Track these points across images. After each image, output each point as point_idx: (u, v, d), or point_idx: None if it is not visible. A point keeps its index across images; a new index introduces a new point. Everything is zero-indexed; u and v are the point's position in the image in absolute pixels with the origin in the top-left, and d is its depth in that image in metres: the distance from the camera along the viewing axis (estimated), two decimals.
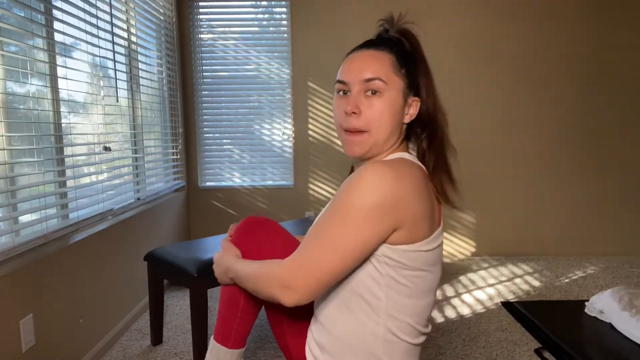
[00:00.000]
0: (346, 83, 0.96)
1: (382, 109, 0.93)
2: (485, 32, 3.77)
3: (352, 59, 0.97)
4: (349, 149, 0.97)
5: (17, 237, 1.82)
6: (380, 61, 0.95)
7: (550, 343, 2.31)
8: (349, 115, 0.94)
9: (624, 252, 3.90)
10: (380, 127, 0.94)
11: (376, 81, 0.93)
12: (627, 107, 3.83)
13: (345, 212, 0.85)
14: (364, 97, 0.94)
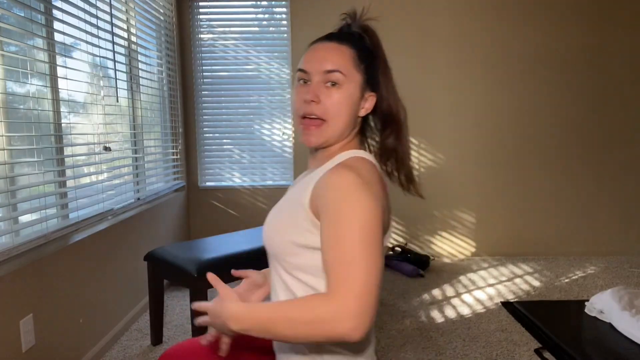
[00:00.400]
0: (307, 72, 0.98)
1: (340, 100, 0.96)
2: (486, 31, 3.77)
3: (315, 49, 0.99)
4: (306, 138, 0.99)
5: (17, 237, 1.82)
6: (342, 54, 0.97)
7: (550, 343, 2.31)
8: (308, 103, 0.96)
9: (624, 252, 3.90)
10: (338, 117, 0.97)
11: (336, 73, 0.95)
12: (628, 107, 3.83)
13: (354, 221, 0.83)
14: (323, 87, 0.96)
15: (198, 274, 2.08)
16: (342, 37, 1.00)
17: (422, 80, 3.81)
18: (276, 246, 0.98)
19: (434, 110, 3.83)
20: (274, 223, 0.99)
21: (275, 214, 1.01)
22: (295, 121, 1.02)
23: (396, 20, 3.73)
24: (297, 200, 0.95)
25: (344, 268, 0.81)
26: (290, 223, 0.95)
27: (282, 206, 1.01)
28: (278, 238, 0.97)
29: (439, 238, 3.93)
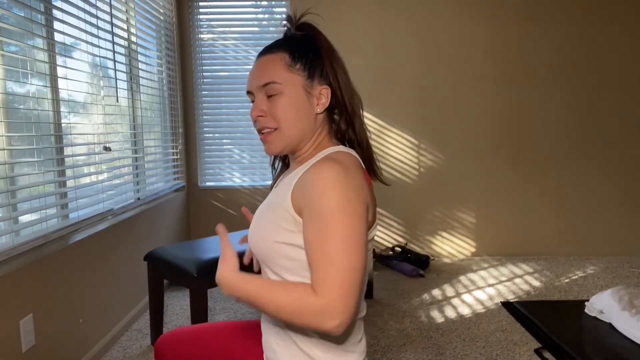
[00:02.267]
0: (250, 92, 1.02)
1: (284, 105, 0.97)
2: (486, 32, 3.77)
3: (252, 69, 1.03)
4: (267, 148, 1.02)
5: (17, 237, 1.82)
6: (272, 63, 0.99)
7: (550, 343, 2.31)
8: (257, 120, 1.00)
9: (624, 252, 3.90)
10: (288, 121, 0.98)
11: (270, 85, 0.97)
12: (628, 108, 3.83)
13: (337, 215, 0.84)
14: (267, 101, 0.99)
15: (198, 274, 2.08)
16: (273, 46, 1.02)
17: (422, 80, 3.81)
18: (261, 249, 0.98)
19: (434, 110, 3.83)
20: (257, 227, 0.99)
21: (258, 218, 1.00)
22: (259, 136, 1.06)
23: (396, 20, 3.73)
24: (278, 203, 0.95)
25: (329, 267, 0.83)
26: (273, 225, 0.95)
27: (263, 209, 1.01)
28: (262, 241, 0.97)
29: (439, 238, 3.93)
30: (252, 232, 1.01)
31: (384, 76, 3.79)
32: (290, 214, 0.91)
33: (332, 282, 0.81)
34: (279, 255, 0.94)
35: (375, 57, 3.76)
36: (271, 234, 0.95)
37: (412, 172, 3.88)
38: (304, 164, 0.99)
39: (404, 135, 3.85)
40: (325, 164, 0.88)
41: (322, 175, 0.87)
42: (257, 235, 0.99)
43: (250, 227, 1.03)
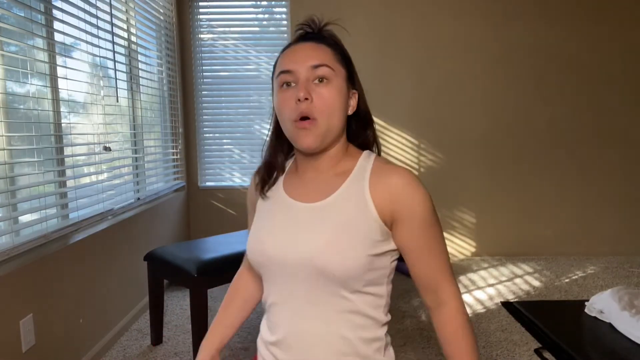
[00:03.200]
0: (292, 72, 0.90)
1: (332, 96, 0.90)
2: (487, 32, 3.77)
3: (294, 51, 0.93)
4: (303, 140, 0.90)
5: (17, 237, 1.82)
6: (323, 50, 0.93)
7: (550, 343, 2.31)
8: (301, 102, 0.88)
9: (624, 252, 3.90)
10: (331, 114, 0.90)
11: (324, 67, 0.90)
12: (628, 107, 3.83)
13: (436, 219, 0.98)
14: (312, 85, 0.90)
15: (198, 274, 2.08)
16: (317, 38, 0.96)
17: (422, 80, 3.81)
18: (348, 269, 0.86)
19: (434, 110, 3.83)
20: (336, 250, 0.86)
21: (328, 238, 0.87)
22: (288, 128, 0.92)
23: (397, 20, 3.73)
24: (357, 216, 0.88)
25: (447, 262, 0.97)
26: (364, 240, 0.87)
27: (327, 226, 0.89)
28: (352, 261, 0.86)
29: None
30: (328, 258, 0.87)
31: (384, 76, 3.79)
32: (379, 224, 0.89)
33: (456, 289, 0.96)
34: (367, 269, 0.88)
35: (375, 57, 3.76)
36: (364, 249, 0.87)
37: (412, 172, 3.88)
38: (355, 170, 0.94)
39: (404, 135, 3.85)
40: (406, 171, 0.92)
41: (415, 183, 0.91)
42: (342, 257, 0.86)
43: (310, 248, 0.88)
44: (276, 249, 0.92)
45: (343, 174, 0.94)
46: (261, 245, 0.94)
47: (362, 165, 0.95)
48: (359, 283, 0.88)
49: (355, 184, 0.92)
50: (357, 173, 0.93)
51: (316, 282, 0.88)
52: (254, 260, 0.96)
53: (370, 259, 0.88)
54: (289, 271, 0.90)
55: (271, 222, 0.96)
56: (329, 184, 0.94)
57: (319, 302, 0.89)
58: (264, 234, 0.95)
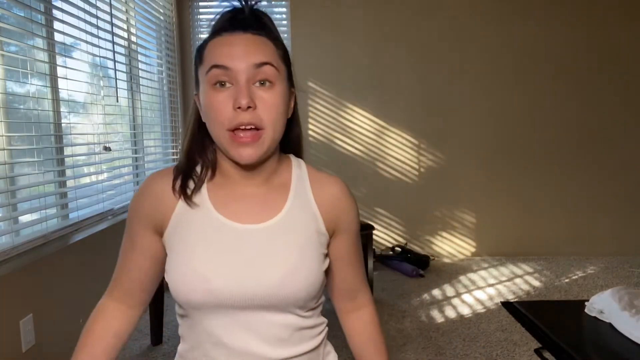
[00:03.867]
0: (228, 69, 0.74)
1: (277, 103, 0.77)
2: (487, 32, 3.77)
3: (230, 41, 0.76)
4: (242, 154, 0.76)
5: (17, 237, 1.82)
6: (265, 45, 0.77)
7: (550, 343, 2.31)
8: (243, 111, 0.74)
9: (624, 252, 3.89)
10: (276, 124, 0.77)
11: (268, 66, 0.76)
12: (628, 108, 3.83)
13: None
14: (254, 89, 0.76)
15: None
16: (254, 26, 0.79)
17: (422, 80, 3.81)
18: (310, 293, 0.79)
19: (434, 110, 3.83)
20: (300, 273, 0.78)
21: (293, 263, 0.78)
22: (220, 135, 0.77)
23: (396, 20, 3.73)
24: (310, 232, 0.82)
25: (363, 272, 0.95)
26: (317, 257, 0.81)
27: (287, 250, 0.79)
28: (314, 283, 0.80)
29: (439, 238, 3.93)
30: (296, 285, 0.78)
31: (384, 76, 3.79)
32: (326, 237, 0.84)
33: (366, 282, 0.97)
34: (321, 285, 0.83)
35: (376, 56, 3.76)
36: (320, 267, 0.82)
37: (412, 172, 3.88)
38: (293, 183, 0.85)
39: (404, 135, 3.85)
40: (340, 180, 0.89)
41: (350, 193, 0.89)
42: (308, 281, 0.79)
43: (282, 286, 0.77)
44: (229, 285, 0.76)
45: (282, 187, 0.84)
46: (205, 282, 0.76)
47: (298, 176, 0.85)
48: (315, 301, 0.83)
49: (300, 198, 0.83)
50: (298, 185, 0.84)
51: (272, 310, 0.78)
52: (190, 300, 0.78)
53: (323, 275, 0.83)
54: (238, 307, 0.77)
55: (209, 250, 0.78)
56: (271, 199, 0.82)
57: (274, 328, 0.79)
58: (204, 268, 0.77)
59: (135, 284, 0.90)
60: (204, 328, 0.80)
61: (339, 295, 0.94)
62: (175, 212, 0.81)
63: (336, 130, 3.83)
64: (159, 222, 0.82)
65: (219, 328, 0.79)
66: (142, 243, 0.85)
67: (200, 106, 0.80)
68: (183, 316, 0.84)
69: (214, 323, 0.79)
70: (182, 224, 0.81)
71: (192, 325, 0.82)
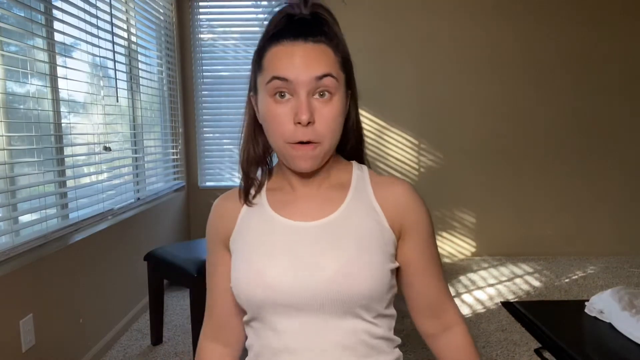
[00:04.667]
0: (289, 81, 0.73)
1: (336, 115, 0.76)
2: (487, 31, 3.77)
3: (290, 51, 0.74)
4: (300, 164, 0.76)
5: (17, 237, 1.82)
6: (325, 53, 0.76)
7: (550, 343, 2.31)
8: (303, 126, 0.73)
9: (624, 252, 3.89)
10: (334, 135, 0.78)
11: (329, 78, 0.75)
12: (628, 107, 3.83)
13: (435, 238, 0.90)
14: (314, 102, 0.75)
15: (198, 274, 2.08)
16: (314, 31, 0.77)
17: (422, 80, 3.81)
18: (372, 290, 0.76)
19: (434, 110, 3.83)
20: (358, 265, 0.75)
21: (350, 255, 0.76)
22: (279, 145, 0.77)
23: (397, 20, 3.73)
24: (370, 227, 0.79)
25: (451, 296, 0.90)
26: (380, 254, 0.78)
27: (344, 243, 0.77)
28: (377, 278, 0.76)
29: (439, 238, 3.93)
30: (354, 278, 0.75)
31: (384, 76, 3.79)
32: (392, 236, 0.81)
33: (451, 295, 0.90)
34: (389, 286, 0.80)
35: (375, 56, 3.76)
36: (385, 264, 0.79)
37: (412, 172, 3.88)
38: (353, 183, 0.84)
39: (404, 135, 3.85)
40: (408, 183, 0.86)
41: (419, 196, 0.84)
42: (368, 276, 0.75)
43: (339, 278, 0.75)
44: (286, 278, 0.75)
45: (341, 186, 0.83)
46: (260, 276, 0.76)
47: (359, 176, 0.85)
48: (382, 304, 0.79)
49: (360, 195, 0.82)
50: (357, 184, 0.83)
51: (336, 313, 0.75)
52: (250, 297, 0.77)
53: (391, 275, 0.79)
54: (299, 306, 0.75)
55: (264, 246, 0.79)
56: (329, 198, 0.82)
57: (340, 334, 0.76)
58: (260, 262, 0.77)
59: (224, 311, 0.88)
60: (267, 334, 0.79)
61: (419, 312, 0.87)
62: (239, 218, 0.84)
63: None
64: (226, 234, 0.85)
65: (282, 332, 0.77)
66: (223, 262, 0.86)
67: (256, 108, 0.81)
68: (249, 322, 0.83)
69: (277, 327, 0.77)
70: (244, 227, 0.83)
71: (257, 331, 0.81)
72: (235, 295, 0.80)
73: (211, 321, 0.90)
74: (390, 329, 0.83)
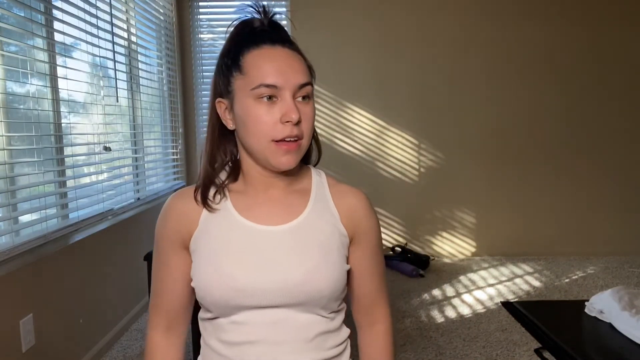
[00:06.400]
0: (278, 87, 0.80)
1: (314, 116, 0.86)
2: (488, 31, 3.77)
3: (274, 58, 0.81)
4: (286, 161, 0.81)
5: (17, 237, 1.82)
6: (301, 63, 0.83)
7: (550, 343, 2.31)
8: (292, 125, 0.80)
9: (624, 252, 3.89)
10: (310, 134, 0.85)
11: (309, 86, 0.83)
12: (629, 108, 3.83)
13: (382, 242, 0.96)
14: (298, 103, 0.82)
15: None
16: (281, 40, 0.83)
17: (422, 80, 3.81)
18: (333, 291, 0.83)
19: (434, 110, 3.83)
20: (323, 268, 0.82)
21: (317, 259, 0.82)
22: (262, 144, 0.81)
23: (396, 20, 3.73)
24: (331, 232, 0.86)
25: (387, 296, 0.96)
26: (339, 256, 0.85)
27: (310, 247, 0.83)
28: (337, 280, 0.83)
29: (439, 238, 3.93)
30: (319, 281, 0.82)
31: (384, 76, 3.79)
32: (346, 240, 0.88)
33: (388, 294, 0.97)
34: (344, 286, 0.87)
35: (375, 56, 3.76)
36: (342, 266, 0.85)
37: (412, 172, 3.88)
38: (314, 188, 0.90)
39: (404, 135, 3.85)
40: (362, 193, 0.92)
41: (371, 206, 0.92)
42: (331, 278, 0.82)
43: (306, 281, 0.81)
44: (256, 283, 0.80)
45: (303, 192, 0.89)
46: (232, 280, 0.79)
47: (318, 182, 0.92)
48: (337, 303, 0.86)
49: (321, 202, 0.88)
50: (318, 191, 0.90)
51: (297, 309, 0.82)
52: (218, 300, 0.81)
53: (345, 276, 0.86)
54: (265, 305, 0.81)
55: (234, 251, 0.82)
56: (291, 203, 0.87)
57: (299, 329, 0.83)
58: (231, 267, 0.80)
59: (175, 305, 0.92)
60: (229, 327, 0.83)
61: (357, 307, 0.95)
62: (200, 220, 0.85)
63: (336, 130, 3.83)
64: (185, 235, 0.86)
65: (243, 325, 0.82)
66: (175, 262, 0.88)
67: (224, 113, 0.85)
68: (209, 319, 0.87)
69: (239, 320, 0.82)
70: (207, 230, 0.85)
71: (218, 326, 0.86)
72: (199, 297, 0.84)
73: (161, 314, 0.93)
74: (341, 322, 0.90)
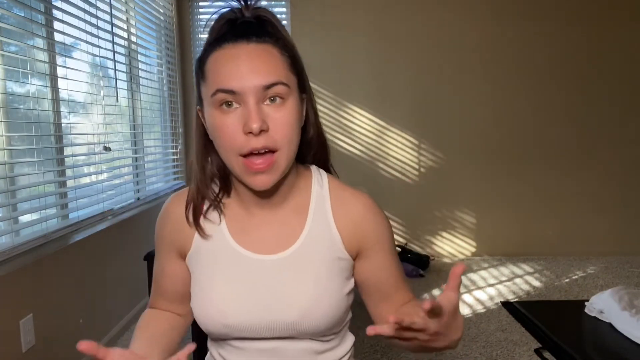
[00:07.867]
0: (237, 92, 0.68)
1: (290, 121, 0.71)
2: (487, 32, 3.76)
3: (233, 58, 0.69)
4: (257, 181, 0.71)
5: (17, 237, 1.82)
6: (272, 57, 0.70)
7: (550, 343, 2.31)
8: (255, 136, 0.68)
9: (624, 252, 3.89)
10: (290, 142, 0.71)
11: (278, 86, 0.69)
12: (628, 107, 3.83)
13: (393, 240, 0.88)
14: (265, 108, 0.70)
15: None
16: (256, 31, 0.71)
17: (422, 80, 3.81)
18: (332, 321, 0.77)
19: (434, 110, 3.83)
20: (319, 303, 0.76)
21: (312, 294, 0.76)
22: (232, 161, 0.71)
23: (396, 20, 3.73)
24: (329, 258, 0.78)
25: (404, 280, 0.91)
26: (338, 283, 0.78)
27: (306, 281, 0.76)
28: (335, 309, 0.77)
29: (439, 238, 3.93)
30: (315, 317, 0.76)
31: (384, 76, 3.79)
32: (348, 261, 0.80)
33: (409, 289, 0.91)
34: (346, 309, 0.81)
35: (375, 56, 3.76)
36: (342, 291, 0.79)
37: (412, 172, 3.88)
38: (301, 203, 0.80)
39: (404, 135, 3.84)
40: (366, 196, 0.82)
41: (377, 208, 0.82)
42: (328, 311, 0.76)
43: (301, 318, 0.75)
44: (247, 321, 0.76)
45: (300, 209, 0.80)
46: (223, 317, 0.76)
47: (318, 194, 0.81)
48: (339, 326, 0.82)
49: (320, 222, 0.79)
50: (317, 207, 0.80)
51: (292, 340, 0.78)
52: (212, 330, 0.79)
53: (348, 299, 0.81)
54: (257, 337, 0.78)
55: (226, 283, 0.77)
56: (288, 225, 0.79)
57: (295, 356, 0.79)
58: (222, 303, 0.76)
59: (175, 297, 0.88)
60: (226, 348, 0.82)
61: (383, 312, 0.87)
62: (195, 237, 0.81)
63: (336, 130, 3.83)
64: (181, 247, 0.82)
65: (241, 350, 0.80)
66: (171, 268, 0.85)
67: (205, 122, 0.76)
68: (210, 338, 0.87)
69: (237, 345, 0.80)
70: (202, 251, 0.80)
71: (217, 344, 0.85)
72: (197, 321, 0.81)
73: (159, 303, 0.90)
74: (343, 336, 0.85)
